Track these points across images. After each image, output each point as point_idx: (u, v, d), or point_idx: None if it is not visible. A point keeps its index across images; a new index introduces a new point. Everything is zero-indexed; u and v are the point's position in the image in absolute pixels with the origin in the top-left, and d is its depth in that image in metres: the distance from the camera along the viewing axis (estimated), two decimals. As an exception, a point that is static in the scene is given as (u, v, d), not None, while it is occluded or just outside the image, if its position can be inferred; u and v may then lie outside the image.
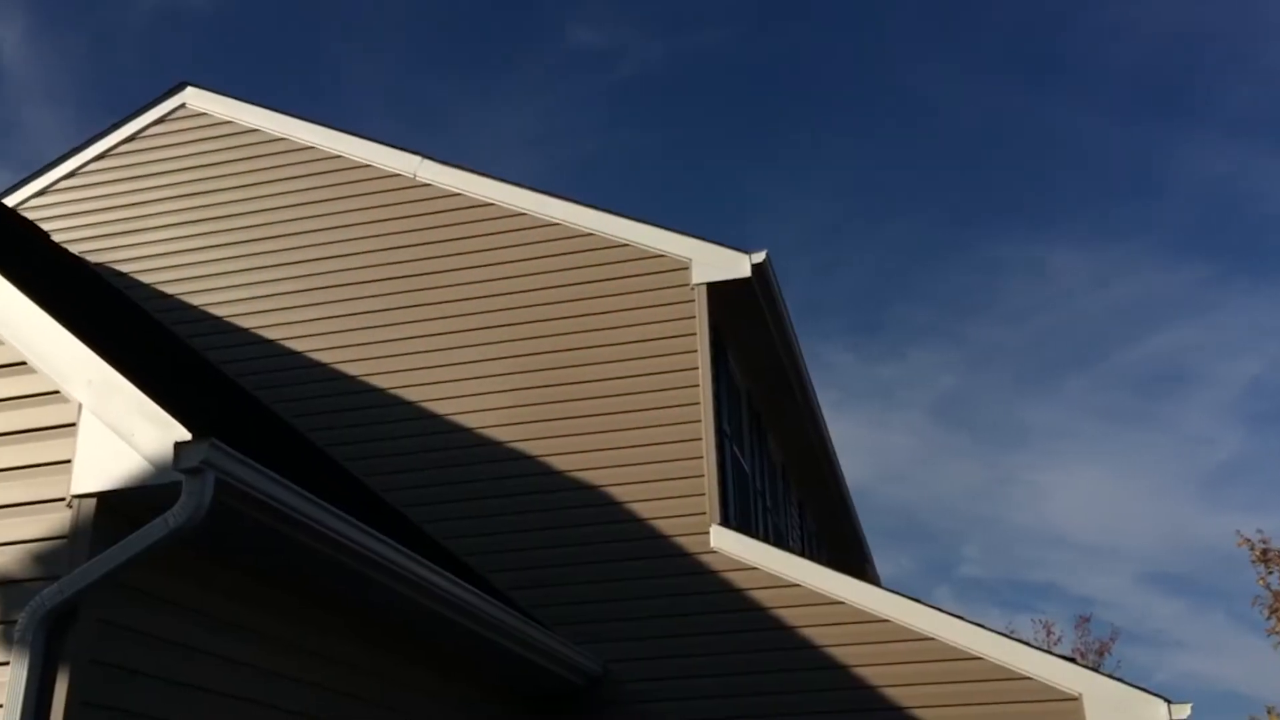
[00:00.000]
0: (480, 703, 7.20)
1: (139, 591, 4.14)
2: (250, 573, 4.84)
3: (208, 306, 9.54)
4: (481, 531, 8.47)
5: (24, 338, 4.24)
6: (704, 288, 8.72)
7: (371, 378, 9.09)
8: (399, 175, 9.69)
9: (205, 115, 10.19)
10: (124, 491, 3.94)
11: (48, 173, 10.28)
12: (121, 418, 4.00)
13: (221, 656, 4.61)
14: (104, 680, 3.92)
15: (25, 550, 3.96)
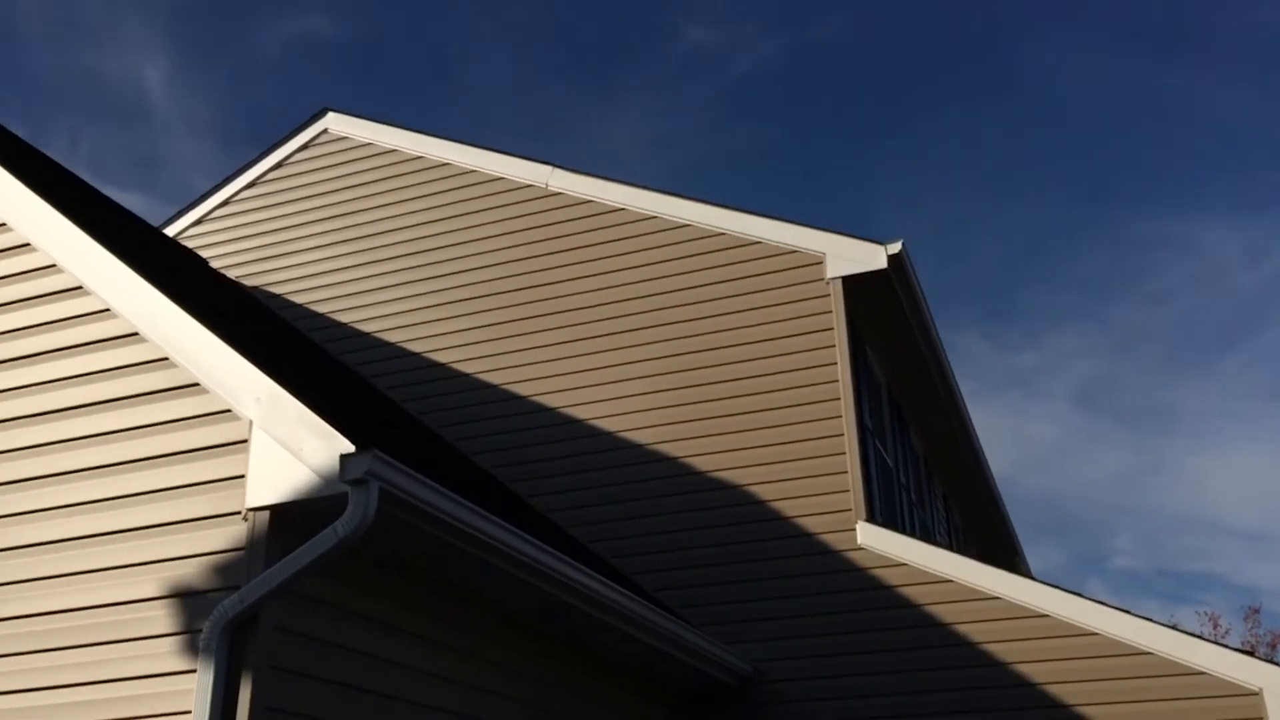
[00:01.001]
0: (633, 703, 7.26)
1: (311, 599, 4.32)
2: (412, 578, 5.00)
3: (356, 323, 9.89)
4: (625, 534, 8.55)
5: (196, 360, 4.47)
6: (839, 281, 8.62)
7: (513, 386, 9.28)
8: (531, 186, 9.87)
9: (346, 139, 10.58)
10: (294, 504, 4.12)
11: (202, 203, 10.82)
12: (289, 433, 4.18)
13: (389, 660, 4.78)
14: (283, 685, 4.10)
15: (206, 562, 4.18)
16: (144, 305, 4.62)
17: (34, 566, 4.40)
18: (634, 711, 7.26)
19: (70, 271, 4.83)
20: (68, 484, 4.50)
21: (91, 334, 4.73)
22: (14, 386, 4.75)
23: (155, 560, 4.25)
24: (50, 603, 4.32)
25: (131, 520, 4.35)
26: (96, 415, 4.58)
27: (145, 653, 4.12)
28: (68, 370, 4.69)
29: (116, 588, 4.26)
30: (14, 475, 4.59)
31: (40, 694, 4.21)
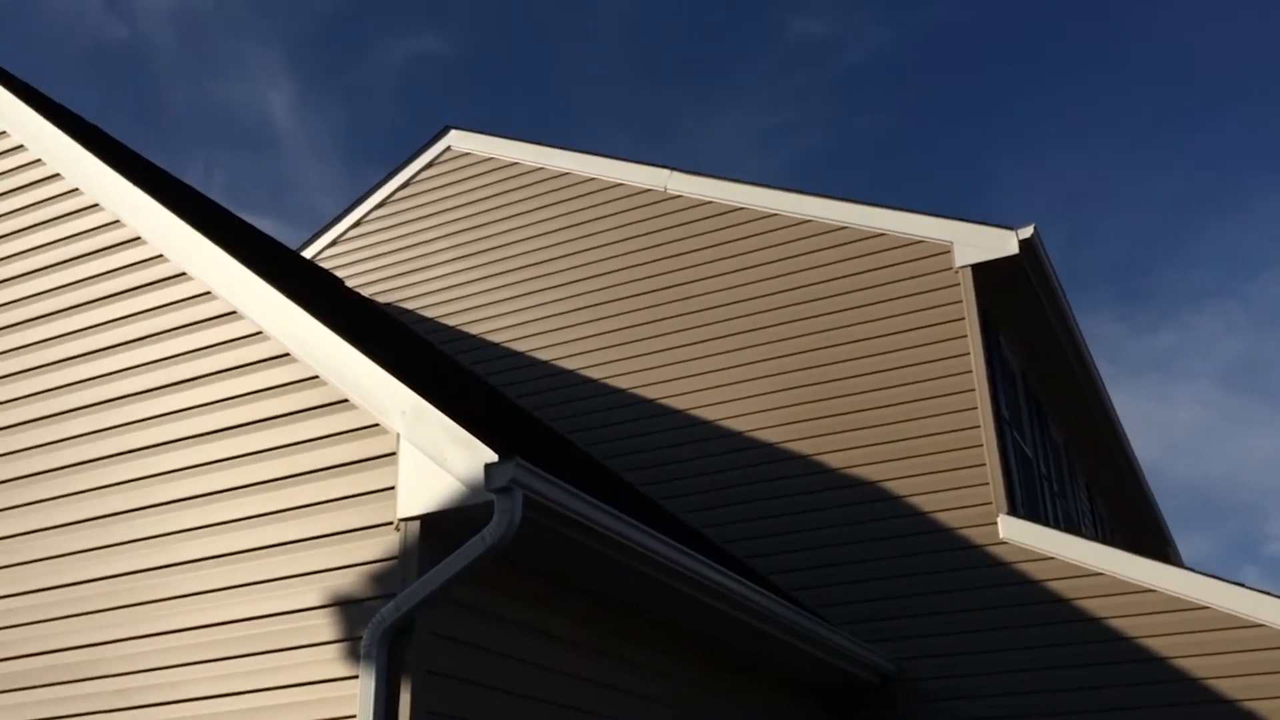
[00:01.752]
0: (775, 702, 7.24)
1: (463, 605, 4.44)
2: (558, 583, 5.09)
3: (484, 334, 10.11)
4: (757, 534, 8.53)
5: (344, 377, 4.64)
6: (968, 270, 8.45)
7: (640, 389, 9.35)
8: (650, 190, 9.93)
9: (469, 155, 10.83)
10: (443, 513, 4.24)
11: (336, 225, 11.21)
12: (434, 444, 4.30)
13: (537, 664, 4.87)
14: (440, 689, 4.22)
15: (362, 572, 4.33)
16: (294, 327, 4.82)
17: (204, 580, 4.63)
18: (777, 711, 7.24)
19: (224, 298, 5.07)
20: (231, 500, 4.72)
21: (246, 356, 4.95)
22: (178, 409, 5.00)
23: (315, 571, 4.43)
24: (220, 614, 4.54)
25: (291, 533, 4.54)
26: (254, 434, 4.79)
27: (310, 660, 4.30)
28: (226, 392, 4.92)
29: (280, 598, 4.45)
30: (181, 494, 4.83)
31: (215, 701, 4.42)
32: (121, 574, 4.83)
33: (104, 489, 5.02)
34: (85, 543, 4.96)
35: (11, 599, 5.01)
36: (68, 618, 4.86)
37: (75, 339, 5.40)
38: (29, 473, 5.22)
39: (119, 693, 4.60)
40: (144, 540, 4.84)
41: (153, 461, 4.97)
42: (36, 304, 5.61)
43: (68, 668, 4.76)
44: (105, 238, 5.55)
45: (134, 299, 5.34)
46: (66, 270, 5.60)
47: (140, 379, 5.15)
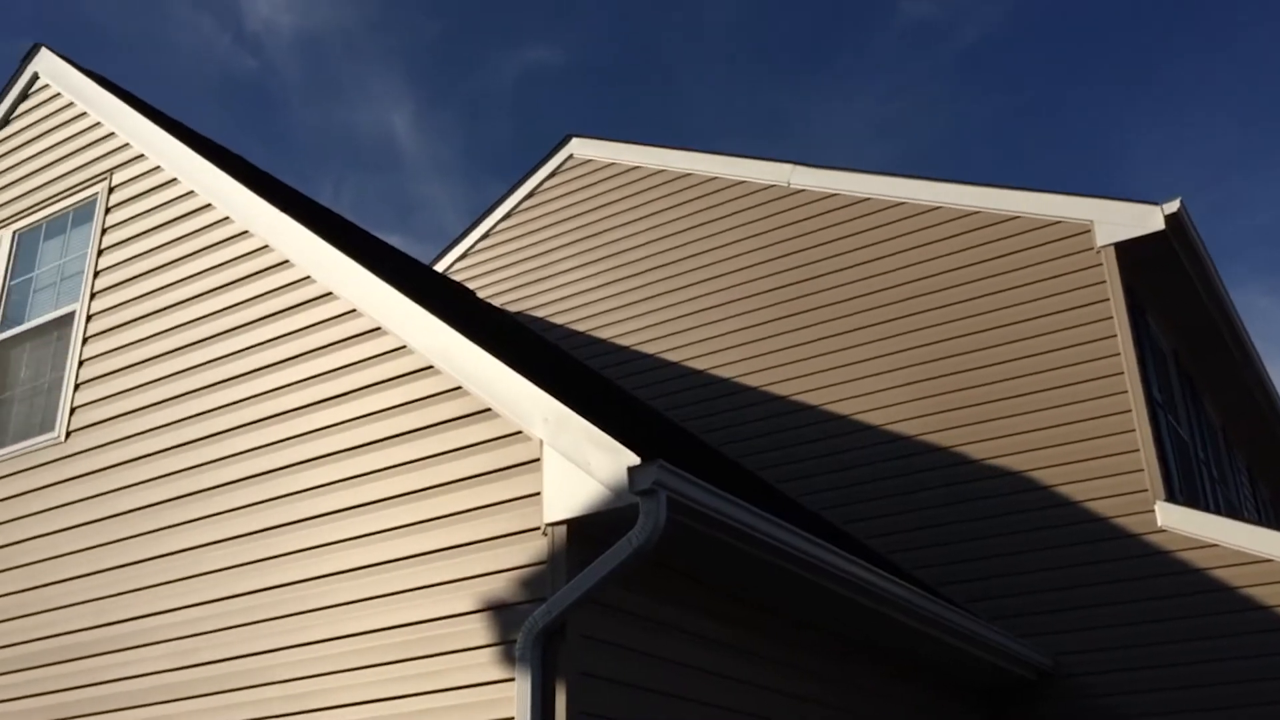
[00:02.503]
0: (929, 700, 7.10)
1: (613, 607, 4.48)
2: (704, 584, 5.09)
3: (614, 339, 10.19)
4: (899, 529, 8.38)
5: (486, 387, 4.74)
6: (1111, 249, 8.14)
7: (771, 387, 9.29)
8: (773, 186, 9.87)
9: (591, 161, 10.94)
10: (588, 517, 4.29)
11: (465, 238, 11.47)
12: (577, 450, 4.36)
13: (688, 664, 4.88)
14: (594, 690, 4.27)
15: (513, 577, 4.41)
16: (436, 340, 4.95)
17: (361, 588, 4.79)
18: (932, 709, 7.09)
19: (369, 315, 5.23)
20: (383, 510, 4.87)
21: (391, 370, 5.10)
22: (329, 425, 5.18)
23: (466, 577, 4.53)
24: (377, 621, 4.69)
25: (441, 541, 4.66)
26: (402, 445, 4.94)
27: (465, 664, 4.40)
28: (374, 406, 5.08)
29: (434, 605, 4.57)
30: (336, 506, 5.01)
31: (377, 705, 4.56)
32: (284, 584, 5.03)
33: (264, 503, 5.24)
34: (249, 555, 5.18)
35: (189, 610, 5.26)
36: (237, 627, 5.08)
37: (233, 360, 5.65)
38: (198, 489, 5.48)
39: (288, 698, 4.79)
40: (303, 551, 5.02)
41: (308, 476, 5.16)
42: (197, 328, 5.89)
43: (242, 675, 4.98)
44: (256, 262, 5.79)
45: (285, 320, 5.56)
46: (223, 295, 5.86)
47: (293, 396, 5.36)
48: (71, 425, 6.19)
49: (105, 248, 6.61)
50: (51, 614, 5.74)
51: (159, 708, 5.18)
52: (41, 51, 7.56)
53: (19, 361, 6.85)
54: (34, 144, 7.39)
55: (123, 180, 6.71)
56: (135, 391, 5.98)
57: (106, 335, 6.32)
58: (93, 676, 5.46)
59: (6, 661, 5.78)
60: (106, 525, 5.73)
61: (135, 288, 6.32)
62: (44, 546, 5.93)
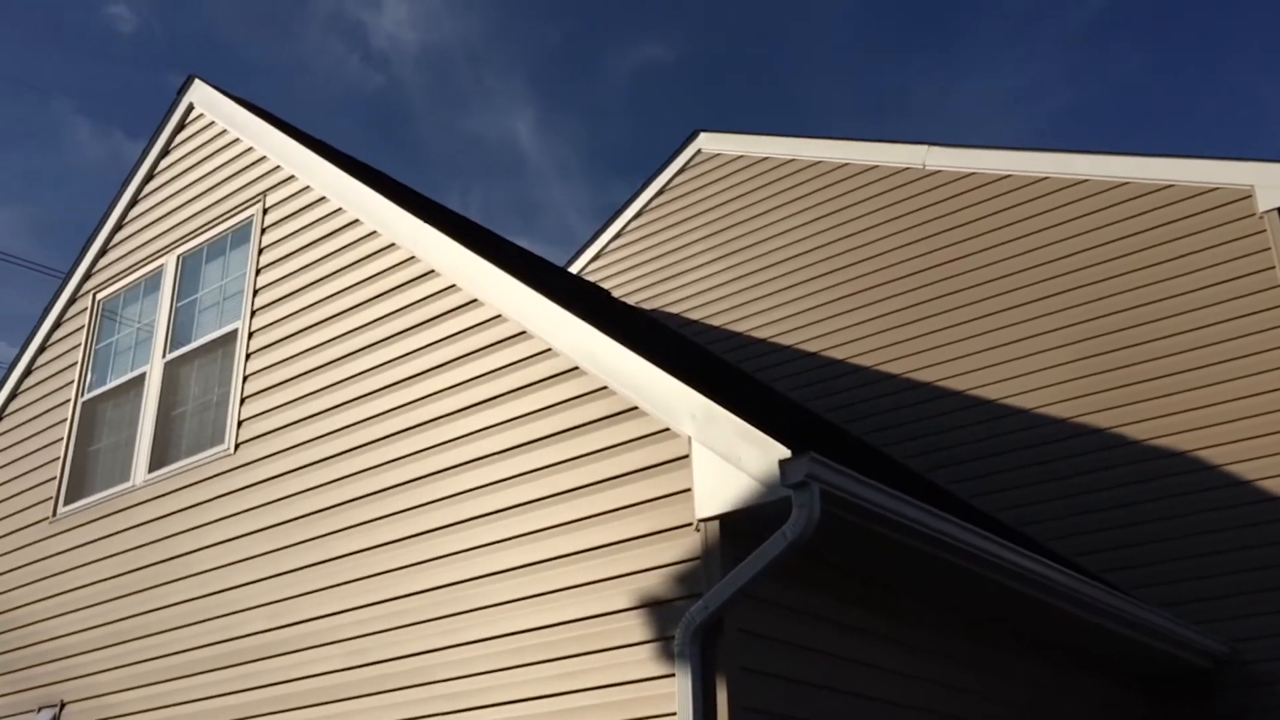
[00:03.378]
0: (1098, 690, 6.85)
1: (768, 601, 4.47)
2: (860, 575, 5.03)
3: (750, 332, 10.15)
4: (1056, 515, 8.11)
5: (631, 385, 4.78)
6: (1275, 214, 7.70)
7: (915, 374, 9.11)
8: (908, 168, 9.67)
9: (719, 155, 10.92)
10: (740, 511, 4.28)
11: (597, 239, 11.58)
12: (726, 445, 4.35)
13: (845, 657, 4.84)
14: (754, 685, 4.27)
15: (668, 573, 4.44)
16: (580, 341, 5.01)
17: (519, 588, 4.89)
18: (1100, 700, 6.85)
19: (513, 319, 5.34)
20: (536, 511, 4.96)
21: (538, 373, 5.19)
22: (479, 429, 5.31)
23: (621, 575, 4.58)
24: (535, 619, 4.78)
25: (594, 539, 4.72)
26: (551, 446, 5.02)
27: (624, 661, 4.44)
28: (522, 409, 5.18)
29: (591, 602, 4.63)
30: (490, 507, 5.12)
31: (538, 703, 4.65)
32: (444, 585, 5.17)
33: (422, 507, 5.40)
34: (410, 558, 5.34)
35: (357, 611, 5.47)
36: (402, 628, 5.25)
37: (387, 369, 5.84)
38: (360, 494, 5.68)
39: (453, 696, 4.93)
40: (461, 553, 5.16)
41: (462, 479, 5.29)
42: (351, 339, 6.12)
43: (408, 674, 5.14)
44: (404, 273, 5.98)
45: (433, 328, 5.72)
46: (374, 306, 6.06)
47: (445, 402, 5.51)
48: (240, 437, 6.50)
49: (262, 266, 6.91)
50: (230, 618, 6.03)
51: (331, 706, 5.39)
52: (195, 83, 7.95)
53: (188, 379, 7.22)
54: (192, 171, 7.79)
55: (275, 201, 7.01)
56: (297, 403, 6.25)
57: (268, 350, 6.61)
58: (269, 677, 5.72)
59: (191, 664, 6.10)
60: (277, 531, 6.00)
61: (292, 303, 6.59)
62: (220, 554, 6.24)
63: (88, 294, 8.29)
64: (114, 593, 6.72)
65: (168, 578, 6.45)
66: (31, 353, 8.51)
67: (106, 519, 7.05)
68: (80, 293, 8.38)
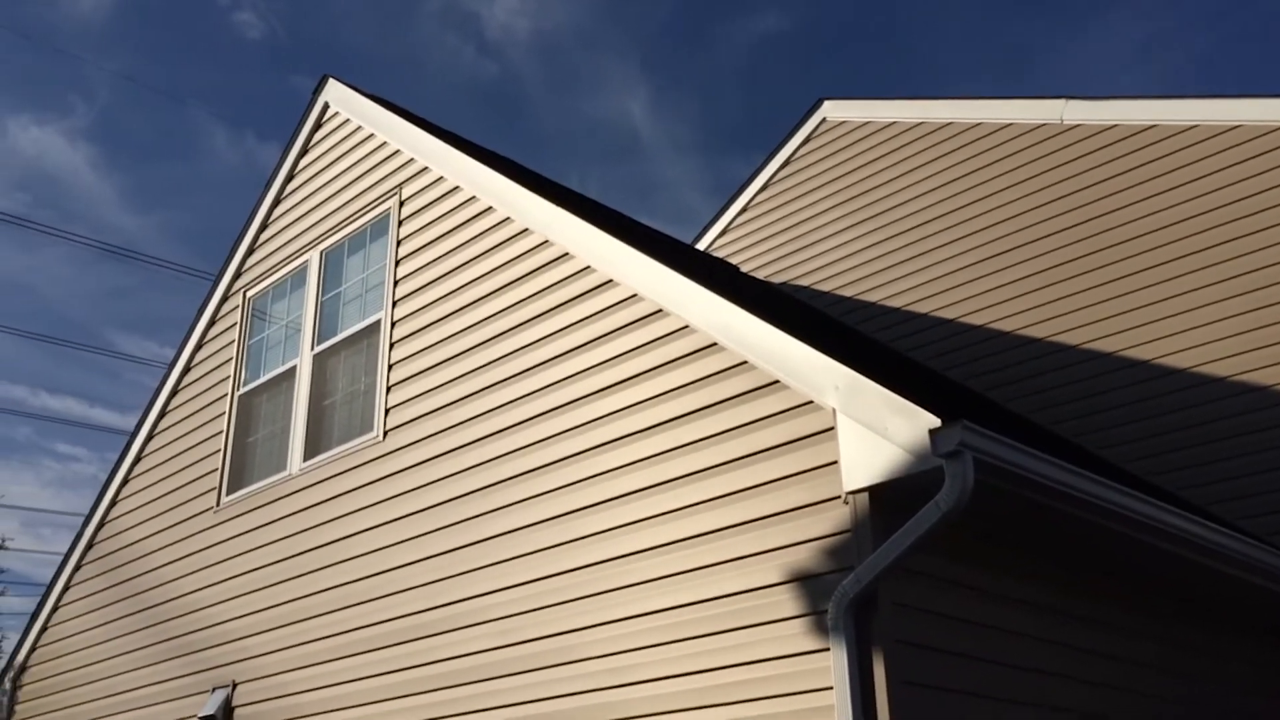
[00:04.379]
0: (1258, 654, 6.53)
1: (922, 573, 4.39)
2: (1012, 545, 4.90)
3: (884, 301, 9.96)
4: (1215, 478, 7.73)
5: (772, 359, 4.73)
6: None
7: (1059, 336, 8.79)
8: (1044, 124, 9.31)
9: (844, 123, 10.72)
10: (889, 483, 4.20)
11: (722, 215, 11.52)
12: (872, 415, 4.28)
13: (1001, 628, 4.72)
14: (911, 658, 4.19)
15: (816, 547, 4.39)
16: (717, 316, 4.99)
17: (666, 564, 4.90)
18: (1265, 664, 6.52)
19: (650, 298, 5.34)
20: (680, 488, 4.96)
21: (675, 351, 5.19)
22: (620, 408, 5.34)
23: (769, 550, 4.55)
24: (684, 596, 4.79)
25: (741, 515, 4.70)
26: (692, 423, 5.01)
27: (775, 635, 4.42)
28: (662, 386, 5.19)
29: (739, 577, 4.61)
30: (634, 486, 5.15)
31: (688, 679, 4.66)
32: (592, 564, 5.23)
33: (567, 487, 5.46)
34: (557, 538, 5.42)
35: (508, 591, 5.58)
36: (552, 606, 5.33)
37: (526, 352, 5.93)
38: (506, 477, 5.79)
39: (604, 673, 4.98)
40: (607, 531, 5.20)
41: (605, 459, 5.34)
42: (490, 325, 6.22)
43: (559, 651, 5.22)
44: (538, 257, 6.05)
45: (570, 310, 5.77)
46: (511, 291, 6.15)
47: (585, 383, 5.56)
48: (388, 425, 6.69)
49: (401, 257, 7.09)
50: (386, 600, 6.23)
51: (486, 684, 5.51)
52: (330, 82, 8.19)
53: (336, 370, 7.47)
54: (330, 169, 8.03)
55: (411, 193, 7.17)
56: (442, 389, 6.39)
57: (410, 339, 6.78)
58: (425, 657, 5.89)
59: (352, 644, 6.33)
60: (427, 515, 6.16)
61: (431, 292, 6.74)
62: (374, 538, 6.44)
63: (238, 292, 8.65)
64: (277, 577, 7.02)
65: (326, 562, 6.70)
66: (189, 350, 8.93)
67: (266, 507, 7.36)
68: (231, 291, 8.75)
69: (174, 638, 7.72)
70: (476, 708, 5.49)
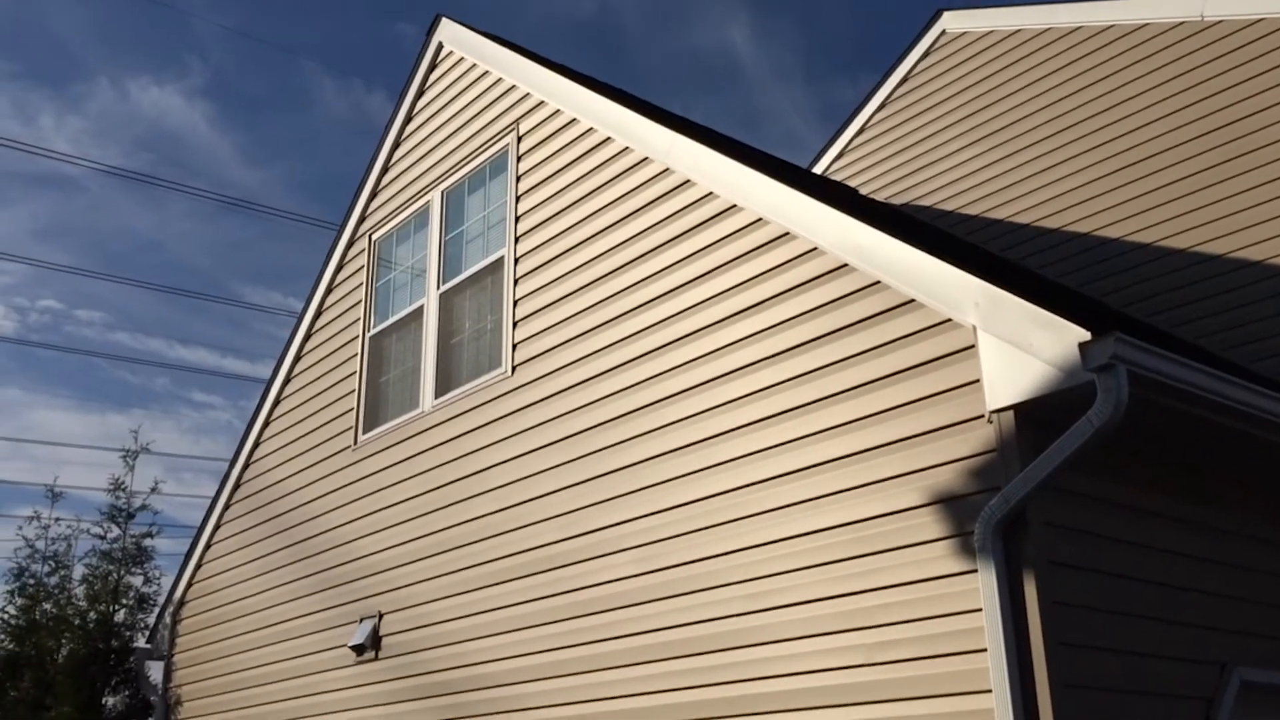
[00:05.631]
0: None
1: (1071, 491, 4.26)
2: (1164, 461, 4.73)
3: (1013, 217, 9.61)
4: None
5: (905, 278, 4.62)
6: None
7: (1203, 246, 8.36)
8: (1182, 23, 8.79)
9: (965, 34, 10.30)
10: (1036, 400, 4.08)
11: (839, 138, 11.23)
12: (1015, 331, 4.14)
13: (1152, 547, 4.57)
14: (1061, 578, 4.09)
15: (960, 467, 4.30)
16: (847, 237, 4.88)
17: (805, 489, 4.87)
18: None
19: (775, 222, 5.25)
20: (816, 412, 4.90)
21: (805, 274, 5.10)
22: (751, 334, 5.29)
23: (910, 472, 4.47)
24: (825, 520, 4.75)
25: (879, 438, 4.62)
26: (825, 347, 4.94)
27: (919, 558, 4.36)
28: (792, 311, 5.11)
29: (883, 500, 4.56)
30: (768, 411, 5.11)
31: (831, 602, 4.65)
32: (724, 491, 5.23)
33: (699, 415, 5.46)
34: (691, 465, 5.43)
35: (643, 520, 5.63)
36: (689, 534, 5.35)
37: (652, 282, 5.90)
38: (637, 407, 5.81)
39: (746, 597, 5.00)
40: (741, 459, 5.19)
41: (735, 386, 5.30)
42: (614, 256, 6.22)
43: (699, 578, 5.26)
44: (659, 186, 5.99)
45: (695, 237, 5.72)
46: (633, 221, 6.12)
47: (714, 310, 5.51)
48: (516, 360, 6.78)
49: (521, 193, 7.12)
50: (522, 531, 6.36)
51: (625, 611, 5.59)
52: (442, 22, 8.20)
53: (462, 308, 7.58)
54: (448, 108, 8.08)
55: (528, 128, 7.17)
56: (568, 322, 6.43)
57: (534, 274, 6.83)
58: (564, 585, 6.00)
59: (492, 575, 6.48)
60: (560, 447, 6.24)
61: (553, 226, 6.76)
62: (509, 470, 6.56)
63: (363, 236, 8.82)
64: (416, 511, 7.22)
65: (463, 495, 6.86)
66: (320, 295, 9.17)
67: (402, 444, 7.56)
68: (357, 235, 8.93)
69: (321, 571, 8.04)
70: (616, 634, 5.58)
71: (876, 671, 4.39)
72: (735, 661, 4.96)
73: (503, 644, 6.25)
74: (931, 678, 4.18)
